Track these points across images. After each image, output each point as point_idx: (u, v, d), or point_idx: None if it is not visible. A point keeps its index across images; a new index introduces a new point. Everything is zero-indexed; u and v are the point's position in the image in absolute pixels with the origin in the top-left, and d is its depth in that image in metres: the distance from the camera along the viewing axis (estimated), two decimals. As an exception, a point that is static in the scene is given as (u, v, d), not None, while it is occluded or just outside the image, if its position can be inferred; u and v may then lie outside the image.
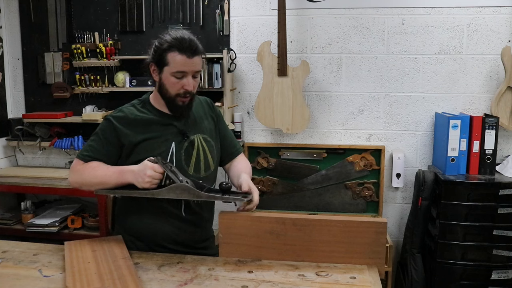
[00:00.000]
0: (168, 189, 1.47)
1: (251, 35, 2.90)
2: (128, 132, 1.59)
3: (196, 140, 1.65)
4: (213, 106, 1.79)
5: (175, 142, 1.61)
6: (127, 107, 1.67)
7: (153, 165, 1.45)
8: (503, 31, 2.69)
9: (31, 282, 1.30)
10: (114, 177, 1.52)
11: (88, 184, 1.57)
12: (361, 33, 2.81)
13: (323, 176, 2.91)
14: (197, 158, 1.64)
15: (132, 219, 1.64)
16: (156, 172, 1.44)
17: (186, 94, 1.57)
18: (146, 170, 1.44)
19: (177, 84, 1.55)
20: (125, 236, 1.62)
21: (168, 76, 1.55)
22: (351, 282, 1.31)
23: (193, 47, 1.53)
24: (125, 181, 1.50)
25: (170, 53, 1.53)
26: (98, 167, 1.56)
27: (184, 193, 1.48)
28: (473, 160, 2.56)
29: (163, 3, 2.98)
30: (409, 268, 2.63)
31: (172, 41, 1.53)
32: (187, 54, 1.52)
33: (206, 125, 1.71)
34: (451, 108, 2.79)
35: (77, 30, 3.11)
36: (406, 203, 2.89)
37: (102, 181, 1.54)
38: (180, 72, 1.54)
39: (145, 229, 1.61)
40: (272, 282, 1.30)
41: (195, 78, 1.58)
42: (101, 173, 1.55)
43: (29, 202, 2.95)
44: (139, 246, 1.60)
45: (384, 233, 1.40)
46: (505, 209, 2.36)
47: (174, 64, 1.53)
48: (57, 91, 3.15)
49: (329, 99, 2.89)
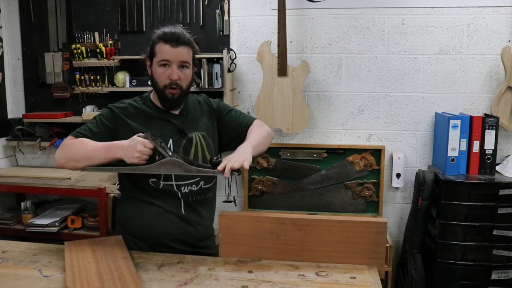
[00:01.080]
0: (158, 164, 1.45)
1: (251, 35, 2.90)
2: (129, 122, 1.61)
3: (195, 137, 1.66)
4: (209, 101, 1.79)
5: (172, 139, 1.62)
6: (129, 101, 1.69)
7: (143, 140, 1.43)
8: (503, 31, 2.69)
9: (31, 282, 1.30)
10: (103, 151, 1.49)
11: (74, 158, 1.52)
12: (361, 33, 2.81)
13: (323, 176, 2.91)
14: (195, 155, 1.65)
15: (133, 220, 1.64)
16: (146, 148, 1.43)
17: (173, 85, 1.58)
18: (136, 145, 1.42)
19: (163, 74, 1.58)
20: (126, 237, 1.61)
21: (156, 67, 1.59)
22: (351, 282, 1.31)
23: (178, 37, 1.56)
24: (114, 156, 1.47)
25: (158, 44, 1.58)
26: (87, 142, 1.54)
27: (174, 168, 1.46)
28: (473, 160, 2.56)
29: (163, 3, 2.98)
30: (409, 268, 2.62)
31: (160, 33, 1.59)
32: (171, 44, 1.56)
33: (205, 122, 1.72)
34: (451, 108, 2.79)
35: (77, 30, 3.11)
36: (406, 203, 2.89)
37: (90, 155, 1.50)
38: (165, 60, 1.57)
39: (146, 229, 1.61)
40: (272, 282, 1.30)
41: (182, 69, 1.59)
42: (90, 147, 1.51)
43: (29, 202, 2.95)
44: (141, 247, 1.60)
45: (384, 233, 1.40)
46: (505, 209, 2.36)
47: (159, 54, 1.58)
48: (57, 91, 3.15)
49: (329, 99, 2.89)
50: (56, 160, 1.56)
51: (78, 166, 1.53)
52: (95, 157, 1.49)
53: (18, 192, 3.18)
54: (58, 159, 1.56)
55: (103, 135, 1.59)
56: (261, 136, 1.66)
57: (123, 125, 1.60)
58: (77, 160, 1.52)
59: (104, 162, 1.50)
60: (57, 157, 1.56)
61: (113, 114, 1.62)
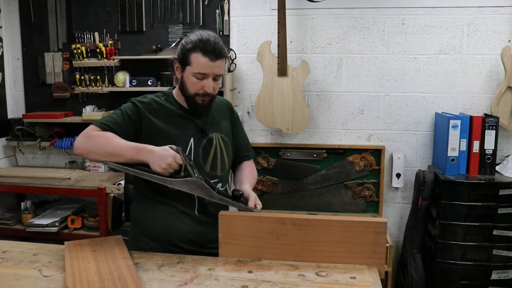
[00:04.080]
0: (183, 181, 1.45)
1: (251, 35, 2.90)
2: (152, 118, 1.59)
3: (215, 138, 1.66)
4: (232, 109, 1.81)
5: (194, 138, 1.62)
6: (152, 96, 1.66)
7: (175, 155, 1.43)
8: (503, 31, 2.69)
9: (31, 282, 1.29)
10: (131, 152, 1.47)
11: (99, 152, 1.49)
12: (361, 33, 2.80)
13: (323, 176, 2.91)
14: (214, 156, 1.65)
15: (146, 219, 1.64)
16: (176, 163, 1.43)
17: (205, 95, 1.57)
18: (167, 158, 1.42)
19: (198, 84, 1.55)
20: (138, 236, 1.63)
21: (189, 76, 1.56)
22: (351, 282, 1.31)
23: (217, 51, 1.52)
24: (141, 159, 1.47)
25: (194, 53, 1.52)
26: (114, 137, 1.52)
27: (197, 189, 1.47)
28: (473, 160, 2.55)
29: (163, 3, 2.98)
30: (409, 268, 2.62)
31: (196, 42, 1.52)
32: (210, 57, 1.51)
33: (225, 126, 1.73)
34: (451, 108, 2.79)
35: (77, 30, 3.11)
36: (406, 203, 2.89)
37: (116, 152, 1.48)
38: (201, 74, 1.54)
39: (159, 228, 1.61)
40: (272, 282, 1.30)
41: (216, 81, 1.58)
42: (117, 143, 1.49)
43: (29, 202, 2.95)
44: (152, 246, 1.59)
45: (384, 233, 1.40)
46: (505, 209, 2.36)
47: (196, 65, 1.53)
48: (57, 91, 3.15)
49: (329, 99, 2.89)
50: (77, 148, 1.53)
51: (100, 160, 1.52)
52: (121, 155, 1.48)
53: (18, 192, 3.18)
54: (79, 148, 1.52)
55: (128, 127, 1.56)
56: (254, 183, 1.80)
57: (146, 121, 1.58)
58: (101, 154, 1.50)
59: (129, 162, 1.49)
60: (79, 145, 1.52)
61: (137, 108, 1.59)
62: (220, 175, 1.66)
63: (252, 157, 1.86)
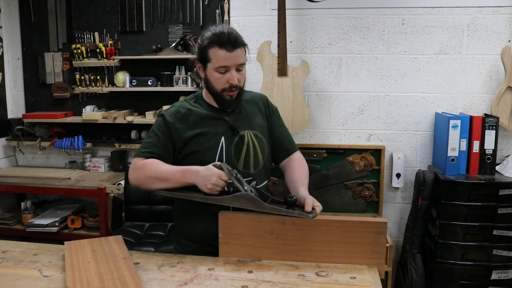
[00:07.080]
0: (232, 197, 1.45)
1: (251, 35, 2.90)
2: (180, 127, 1.60)
3: (247, 135, 1.64)
4: (269, 103, 1.79)
5: (224, 137, 1.61)
6: (180, 102, 1.68)
7: (220, 173, 1.43)
8: (503, 31, 2.69)
9: (31, 282, 1.29)
10: (178, 175, 1.50)
11: (148, 181, 1.55)
12: (361, 33, 2.81)
13: (323, 176, 2.91)
14: (246, 154, 1.63)
15: (184, 222, 1.67)
16: (221, 180, 1.44)
17: (232, 88, 1.57)
18: (212, 178, 1.43)
19: (222, 79, 1.55)
20: (180, 240, 1.67)
21: (212, 72, 1.56)
22: (351, 282, 1.31)
23: (232, 40, 1.51)
24: (188, 181, 1.49)
25: (211, 49, 1.53)
26: (160, 164, 1.56)
27: (248, 202, 1.45)
28: (473, 160, 2.55)
29: (163, 3, 2.98)
30: (409, 268, 2.63)
31: (211, 37, 1.53)
32: (227, 48, 1.51)
33: (258, 122, 1.70)
34: (451, 108, 2.79)
35: (77, 30, 3.11)
36: (406, 203, 2.89)
37: (164, 178, 1.52)
38: (223, 67, 1.54)
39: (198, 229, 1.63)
40: (272, 282, 1.30)
41: (239, 71, 1.57)
42: (164, 169, 1.53)
43: (29, 202, 2.95)
44: (193, 248, 1.62)
45: (384, 233, 1.40)
46: (505, 209, 2.36)
47: (216, 60, 1.53)
48: (57, 91, 3.15)
49: (329, 99, 2.89)
50: (131, 181, 1.61)
51: (153, 188, 1.55)
52: (169, 179, 1.51)
53: (18, 192, 3.19)
54: (132, 181, 1.60)
55: (166, 143, 1.59)
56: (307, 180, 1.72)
57: (175, 130, 1.60)
58: (152, 182, 1.54)
59: (178, 185, 1.51)
60: (131, 178, 1.60)
61: (164, 121, 1.61)
62: (253, 173, 1.64)
63: (297, 148, 1.81)
